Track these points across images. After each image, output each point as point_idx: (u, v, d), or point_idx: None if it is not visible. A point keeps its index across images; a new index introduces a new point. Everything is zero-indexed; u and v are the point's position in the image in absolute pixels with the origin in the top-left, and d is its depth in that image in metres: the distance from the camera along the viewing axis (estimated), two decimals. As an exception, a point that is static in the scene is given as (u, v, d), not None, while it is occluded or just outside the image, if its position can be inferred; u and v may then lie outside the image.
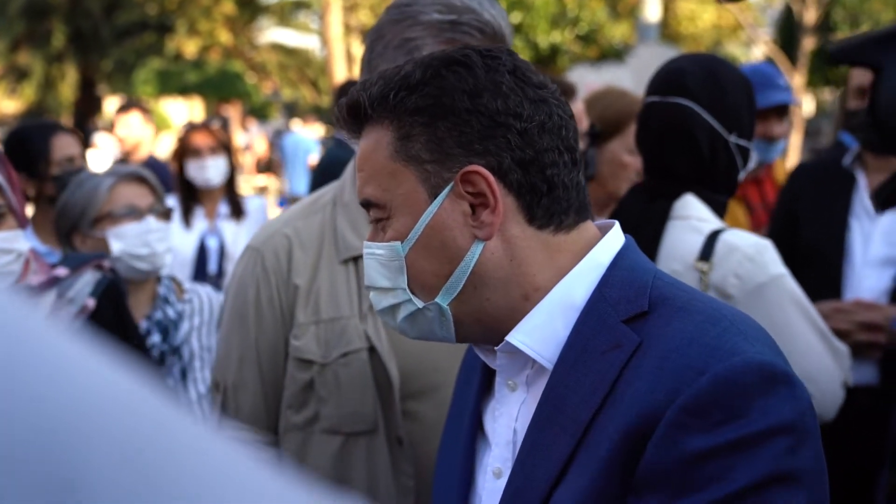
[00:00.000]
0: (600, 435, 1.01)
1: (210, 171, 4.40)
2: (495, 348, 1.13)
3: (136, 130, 5.50)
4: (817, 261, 2.99)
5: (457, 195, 1.08)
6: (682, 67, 2.12)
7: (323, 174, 4.41)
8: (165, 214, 2.62)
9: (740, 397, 0.96)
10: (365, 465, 1.69)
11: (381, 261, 1.13)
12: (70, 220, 2.54)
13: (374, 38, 1.65)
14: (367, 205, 1.15)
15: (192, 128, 4.59)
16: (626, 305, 1.07)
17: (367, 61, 1.65)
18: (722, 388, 0.96)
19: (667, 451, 0.96)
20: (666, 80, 2.14)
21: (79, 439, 0.31)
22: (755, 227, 3.53)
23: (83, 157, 3.50)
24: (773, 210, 3.48)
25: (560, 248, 1.11)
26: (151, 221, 2.53)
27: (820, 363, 1.98)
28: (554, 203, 1.10)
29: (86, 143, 13.56)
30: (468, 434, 1.24)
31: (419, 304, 1.12)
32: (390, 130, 1.10)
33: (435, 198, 1.09)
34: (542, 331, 1.10)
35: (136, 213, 2.53)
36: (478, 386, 1.26)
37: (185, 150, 4.43)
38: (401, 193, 1.10)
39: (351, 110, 1.14)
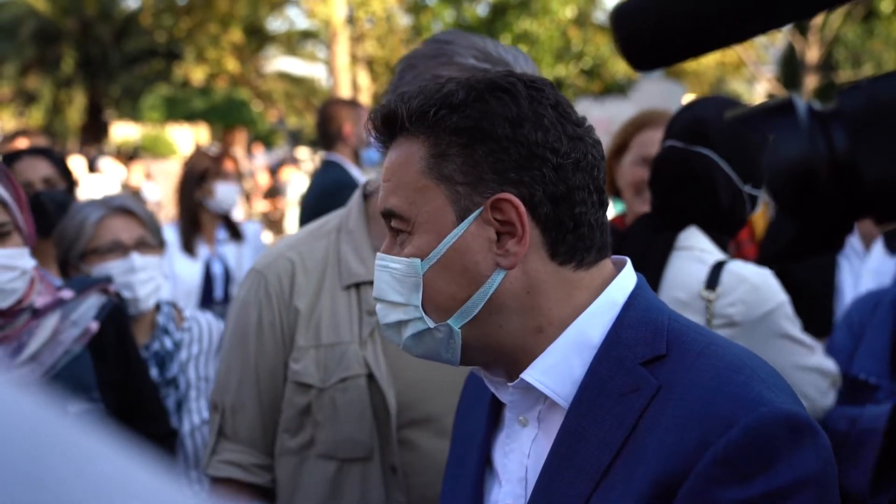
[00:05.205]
0: (622, 480, 1.01)
1: (237, 195, 4.69)
2: (510, 385, 1.12)
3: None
4: (808, 298, 3.00)
5: (484, 220, 1.08)
6: (705, 117, 2.14)
7: (323, 194, 4.32)
8: (155, 247, 2.57)
9: (770, 449, 0.96)
10: (358, 492, 1.69)
11: (395, 275, 1.12)
12: (62, 252, 2.52)
13: (406, 68, 1.67)
14: (388, 215, 1.13)
15: (220, 153, 4.95)
16: (644, 348, 1.07)
17: (395, 88, 1.66)
18: (752, 439, 0.96)
19: (698, 501, 0.96)
20: (688, 127, 2.16)
21: None
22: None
23: (59, 178, 3.44)
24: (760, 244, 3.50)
25: (578, 284, 1.11)
26: (136, 259, 2.47)
27: (812, 381, 2.07)
28: (578, 241, 1.10)
29: (92, 166, 13.61)
30: (476, 468, 1.22)
31: (430, 323, 1.11)
32: (425, 146, 1.09)
33: (462, 220, 1.08)
34: (558, 369, 1.09)
35: (120, 249, 2.48)
36: (485, 419, 1.24)
37: (214, 173, 4.55)
38: (427, 210, 1.09)
39: (386, 120, 1.13)
